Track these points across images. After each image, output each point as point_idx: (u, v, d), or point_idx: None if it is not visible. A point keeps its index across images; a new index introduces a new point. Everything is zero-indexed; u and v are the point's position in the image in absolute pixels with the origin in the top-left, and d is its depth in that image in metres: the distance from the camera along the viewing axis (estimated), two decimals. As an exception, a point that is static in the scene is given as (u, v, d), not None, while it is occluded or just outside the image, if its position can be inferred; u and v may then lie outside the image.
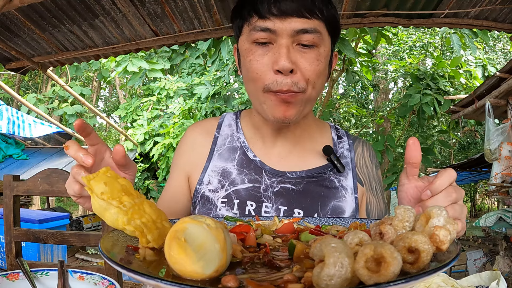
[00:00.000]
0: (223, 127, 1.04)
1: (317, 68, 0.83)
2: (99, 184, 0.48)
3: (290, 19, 0.81)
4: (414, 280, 0.30)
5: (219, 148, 1.00)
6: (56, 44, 2.61)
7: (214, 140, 1.02)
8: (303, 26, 0.81)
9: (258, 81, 0.84)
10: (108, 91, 20.04)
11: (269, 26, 0.81)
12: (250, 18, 0.85)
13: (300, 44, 0.82)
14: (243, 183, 0.95)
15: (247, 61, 0.86)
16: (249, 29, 0.85)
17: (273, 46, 0.83)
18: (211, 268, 0.34)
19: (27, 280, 0.91)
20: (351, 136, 1.07)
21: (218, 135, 1.03)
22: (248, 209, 0.93)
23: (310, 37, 0.82)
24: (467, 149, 12.68)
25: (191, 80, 7.87)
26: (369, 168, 1.04)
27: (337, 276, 0.30)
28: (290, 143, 0.99)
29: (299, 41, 0.82)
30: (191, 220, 0.36)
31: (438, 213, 0.38)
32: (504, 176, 4.43)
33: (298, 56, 0.82)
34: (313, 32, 0.82)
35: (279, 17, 0.81)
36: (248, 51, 0.85)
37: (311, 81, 0.83)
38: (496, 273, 0.91)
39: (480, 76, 6.95)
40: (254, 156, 0.98)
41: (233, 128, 1.03)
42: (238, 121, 1.04)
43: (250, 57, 0.85)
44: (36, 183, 1.35)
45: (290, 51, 0.81)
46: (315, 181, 0.96)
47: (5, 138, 7.30)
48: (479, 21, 2.39)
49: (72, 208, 15.75)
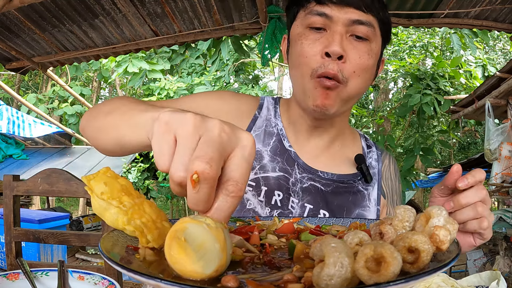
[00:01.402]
0: (263, 109, 1.00)
1: (366, 62, 0.83)
2: (99, 184, 0.48)
3: (347, 9, 0.81)
4: (414, 280, 0.30)
5: (257, 129, 0.97)
6: (56, 44, 2.61)
7: (253, 118, 0.98)
8: (359, 17, 0.82)
9: (305, 66, 0.83)
10: (108, 91, 20.04)
11: (327, 11, 0.82)
12: (307, 4, 0.85)
13: (353, 35, 0.83)
14: (274, 171, 0.92)
15: (298, 44, 0.85)
16: (305, 13, 0.85)
17: (327, 33, 0.83)
18: (211, 268, 0.34)
19: (27, 280, 0.91)
20: (379, 147, 1.07)
21: (258, 115, 0.98)
22: (275, 199, 0.91)
23: (364, 29, 0.82)
24: (467, 149, 12.69)
25: (191, 80, 7.88)
26: (393, 181, 1.04)
27: (337, 276, 0.30)
28: (324, 143, 0.97)
29: (353, 31, 0.82)
30: (191, 220, 0.36)
31: (438, 213, 0.38)
32: (504, 176, 4.43)
33: (350, 46, 0.82)
34: (368, 25, 0.82)
35: (338, 5, 0.82)
36: (301, 35, 0.85)
37: (356, 74, 0.83)
38: (496, 273, 0.91)
39: (480, 76, 6.95)
40: (289, 146, 0.95)
41: (271, 113, 0.99)
42: (277, 107, 1.00)
43: (302, 40, 0.84)
44: (36, 183, 1.35)
45: (343, 39, 0.81)
46: (344, 187, 0.95)
47: (5, 138, 7.30)
48: (479, 21, 2.39)
49: (72, 208, 15.76)
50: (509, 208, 4.80)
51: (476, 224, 0.69)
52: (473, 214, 0.68)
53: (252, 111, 0.98)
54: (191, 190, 0.39)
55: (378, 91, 11.93)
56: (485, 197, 0.68)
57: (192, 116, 0.42)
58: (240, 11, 2.36)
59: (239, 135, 0.43)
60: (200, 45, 5.65)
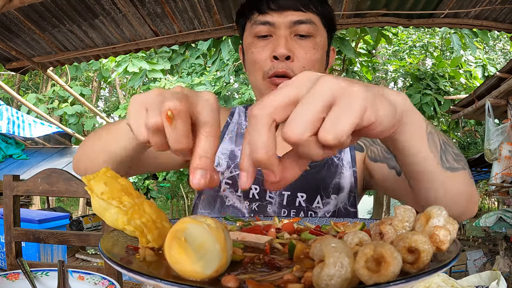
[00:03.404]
0: (234, 115, 1.11)
1: (313, 56, 0.90)
2: (99, 184, 0.48)
3: (287, 13, 0.89)
4: (414, 280, 0.30)
5: (229, 132, 1.07)
6: (56, 44, 2.61)
7: (226, 125, 1.09)
8: (299, 18, 0.89)
9: (258, 71, 0.92)
10: (108, 91, 20.05)
11: (268, 19, 0.90)
12: (251, 15, 0.93)
13: (297, 35, 0.90)
14: None
15: (249, 53, 0.94)
16: (250, 24, 0.94)
17: (273, 38, 0.91)
18: (211, 268, 0.34)
19: (27, 280, 0.91)
20: None
21: (230, 121, 1.10)
22: (252, 193, 0.98)
23: (306, 27, 0.90)
24: (467, 149, 12.68)
25: (191, 80, 7.88)
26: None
27: (337, 276, 0.30)
28: None
29: (296, 32, 0.90)
30: (192, 220, 0.36)
31: (438, 213, 0.38)
32: (504, 176, 4.43)
33: (296, 45, 0.90)
34: (308, 23, 0.90)
35: (277, 11, 0.89)
36: (250, 44, 0.93)
37: (306, 69, 0.89)
38: (496, 273, 0.91)
39: (480, 76, 6.95)
40: None
41: (242, 118, 1.10)
42: (247, 112, 1.11)
43: (252, 49, 0.93)
44: (36, 183, 1.35)
45: (287, 41, 0.89)
46: (317, 165, 0.99)
47: (5, 138, 7.29)
48: (479, 21, 2.39)
49: (72, 208, 15.76)
50: (509, 208, 4.80)
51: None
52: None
53: (224, 119, 1.09)
54: (169, 128, 0.42)
55: (378, 91, 11.90)
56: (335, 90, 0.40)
57: (156, 89, 0.48)
58: (240, 11, 2.36)
59: (200, 93, 0.48)
60: (200, 45, 5.65)
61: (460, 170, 0.60)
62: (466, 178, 0.62)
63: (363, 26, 2.63)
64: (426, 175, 0.57)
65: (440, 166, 0.56)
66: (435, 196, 0.60)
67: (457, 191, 0.61)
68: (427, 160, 0.54)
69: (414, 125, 0.49)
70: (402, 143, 0.50)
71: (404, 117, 0.45)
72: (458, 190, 0.61)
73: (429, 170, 0.56)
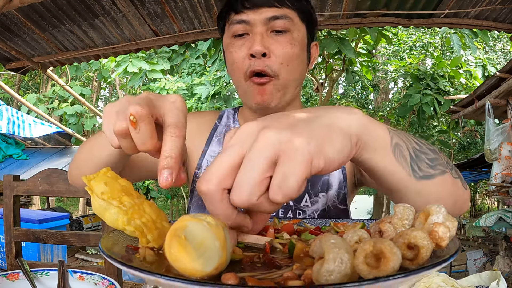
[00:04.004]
0: (223, 118, 1.11)
1: (290, 51, 0.89)
2: (99, 184, 0.48)
3: (261, 10, 0.89)
4: (413, 274, 0.30)
5: (218, 134, 1.06)
6: (56, 44, 2.62)
7: (214, 127, 1.08)
8: (274, 13, 0.89)
9: (238, 70, 0.91)
10: (108, 91, 20.04)
11: (244, 18, 0.90)
12: (228, 16, 0.94)
13: (273, 31, 0.89)
14: None
15: (228, 53, 0.94)
16: (228, 25, 0.94)
17: (249, 36, 0.91)
18: (211, 266, 0.35)
19: (27, 280, 0.91)
20: None
21: (219, 124, 1.09)
22: None
23: (281, 22, 0.89)
24: (467, 149, 12.68)
25: (191, 80, 7.88)
26: None
27: (336, 271, 0.30)
28: None
29: (272, 28, 0.89)
30: (191, 218, 0.36)
31: (437, 210, 0.38)
32: (504, 176, 4.43)
33: (272, 41, 0.89)
34: (284, 18, 0.89)
35: (252, 9, 0.89)
36: (229, 44, 0.93)
37: (284, 64, 0.89)
38: (496, 273, 0.91)
39: (480, 76, 6.95)
40: None
41: (230, 120, 1.10)
42: (235, 114, 1.11)
43: (231, 49, 0.93)
44: (36, 183, 1.35)
45: (263, 38, 0.88)
46: None
47: (5, 138, 7.29)
48: (479, 21, 2.39)
49: (72, 208, 15.76)
50: (509, 208, 4.80)
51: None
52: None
53: (213, 122, 1.09)
54: (134, 131, 0.46)
55: (378, 91, 11.93)
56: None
57: (125, 97, 0.51)
58: (240, 11, 2.36)
59: (166, 96, 0.50)
60: (200, 45, 5.65)
61: (438, 176, 0.57)
62: (447, 182, 0.59)
63: (363, 26, 2.63)
64: (398, 187, 0.55)
65: (412, 177, 0.53)
66: (414, 205, 0.58)
67: (438, 196, 0.58)
68: (395, 174, 0.52)
69: (376, 141, 0.48)
70: (366, 161, 0.49)
71: (361, 137, 0.45)
72: (439, 195, 0.58)
73: (399, 183, 0.54)
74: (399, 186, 0.54)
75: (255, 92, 0.90)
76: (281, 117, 0.41)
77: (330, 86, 7.25)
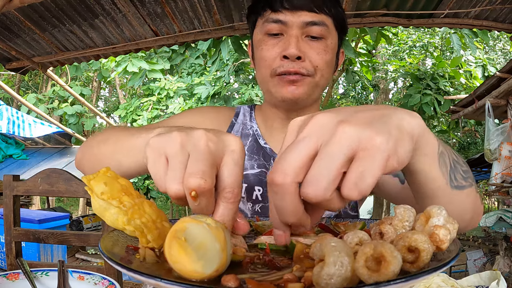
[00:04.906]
0: (239, 116, 1.09)
1: (324, 57, 0.89)
2: (99, 184, 0.48)
3: (300, 13, 0.87)
4: (414, 279, 0.30)
5: (234, 133, 1.05)
6: (56, 44, 2.61)
7: (231, 125, 1.07)
8: (312, 19, 0.87)
9: (266, 68, 0.90)
10: (108, 91, 20.04)
11: (281, 18, 0.88)
12: (263, 12, 0.92)
13: (309, 36, 0.89)
14: (252, 168, 0.99)
15: (259, 50, 0.92)
16: (262, 21, 0.92)
17: (284, 37, 0.89)
18: (211, 268, 0.34)
19: (27, 280, 0.91)
20: None
21: (235, 122, 1.08)
22: (256, 194, 0.97)
23: (318, 29, 0.88)
24: (467, 149, 12.68)
25: (191, 80, 7.88)
26: None
27: (337, 275, 0.30)
28: None
29: (308, 33, 0.88)
30: (192, 220, 0.36)
31: (438, 212, 0.38)
32: (504, 176, 4.43)
33: (307, 46, 0.88)
34: (321, 25, 0.88)
35: (290, 10, 0.88)
36: (261, 41, 0.92)
37: (319, 68, 0.89)
38: (496, 273, 0.91)
39: (480, 76, 6.95)
40: (265, 144, 1.01)
41: (247, 118, 1.09)
42: (252, 112, 1.10)
43: (262, 46, 0.91)
44: (36, 183, 1.35)
45: (299, 41, 0.87)
46: None
47: (5, 138, 7.29)
48: (479, 21, 2.39)
49: (72, 208, 15.76)
50: (509, 208, 4.80)
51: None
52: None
53: (230, 119, 1.08)
54: (192, 203, 0.43)
55: (378, 91, 11.93)
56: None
57: (177, 133, 0.46)
58: (240, 11, 2.36)
59: (226, 141, 0.46)
60: (200, 45, 5.65)
61: (467, 188, 0.59)
62: (473, 194, 0.61)
63: (363, 26, 2.63)
64: (434, 194, 0.55)
65: (448, 185, 0.55)
66: None
67: (463, 207, 0.60)
68: (436, 181, 0.53)
69: (427, 147, 0.48)
70: (413, 165, 0.49)
71: (419, 140, 0.44)
72: (464, 207, 0.61)
73: (437, 190, 0.54)
74: (437, 193, 0.54)
75: (283, 88, 0.89)
76: (353, 112, 0.39)
77: (330, 86, 7.26)
